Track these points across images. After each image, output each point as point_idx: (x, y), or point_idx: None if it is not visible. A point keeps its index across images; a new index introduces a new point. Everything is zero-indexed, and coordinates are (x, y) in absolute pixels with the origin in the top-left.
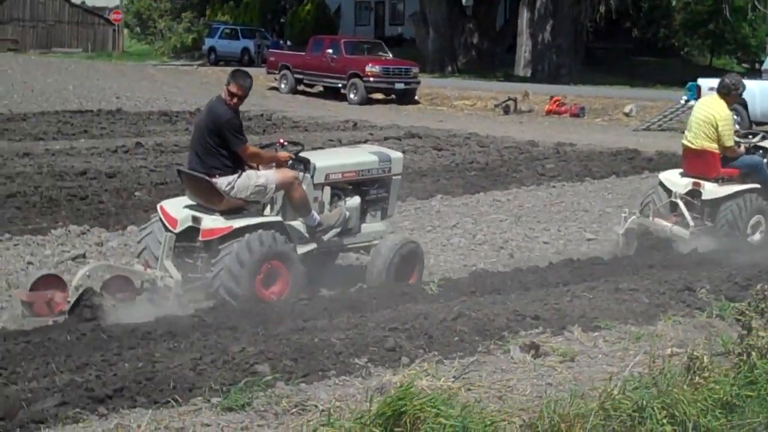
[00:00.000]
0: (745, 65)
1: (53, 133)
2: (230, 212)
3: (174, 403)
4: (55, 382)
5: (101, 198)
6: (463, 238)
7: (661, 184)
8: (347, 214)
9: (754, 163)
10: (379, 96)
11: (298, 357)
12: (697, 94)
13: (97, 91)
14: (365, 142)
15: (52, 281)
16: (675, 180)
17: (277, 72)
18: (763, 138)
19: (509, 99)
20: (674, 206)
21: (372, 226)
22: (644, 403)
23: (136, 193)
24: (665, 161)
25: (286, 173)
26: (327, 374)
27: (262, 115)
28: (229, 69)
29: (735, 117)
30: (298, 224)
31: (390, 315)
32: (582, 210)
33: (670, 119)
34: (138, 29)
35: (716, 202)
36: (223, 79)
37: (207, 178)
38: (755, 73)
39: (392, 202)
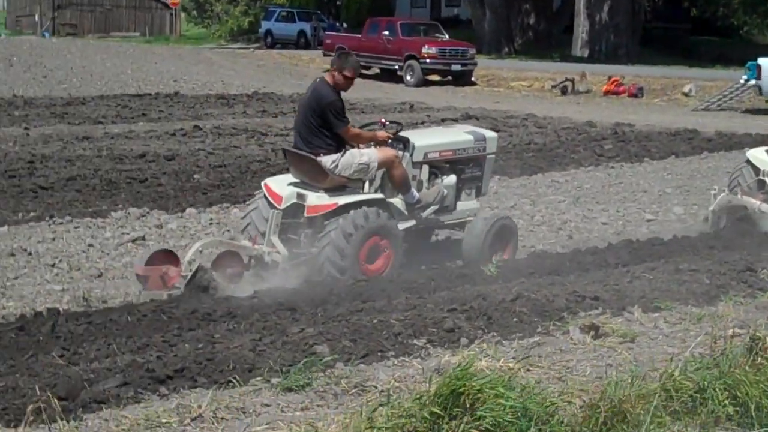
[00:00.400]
0: None
1: (112, 116)
2: (333, 190)
3: (234, 384)
4: (117, 363)
5: (160, 180)
6: (522, 219)
7: (749, 161)
8: (445, 192)
9: None
10: (435, 78)
11: (357, 338)
12: (757, 73)
13: (155, 75)
14: (422, 124)
15: (167, 257)
16: (763, 157)
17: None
18: None
19: (566, 80)
20: (762, 184)
21: (466, 203)
22: (706, 384)
23: (195, 176)
24: (725, 141)
25: (388, 152)
26: (386, 355)
27: None
28: (285, 51)
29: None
30: (397, 201)
31: (449, 296)
32: (641, 191)
33: (730, 99)
34: (195, 13)
35: None
36: (280, 62)
37: (312, 156)
38: None
39: (486, 180)
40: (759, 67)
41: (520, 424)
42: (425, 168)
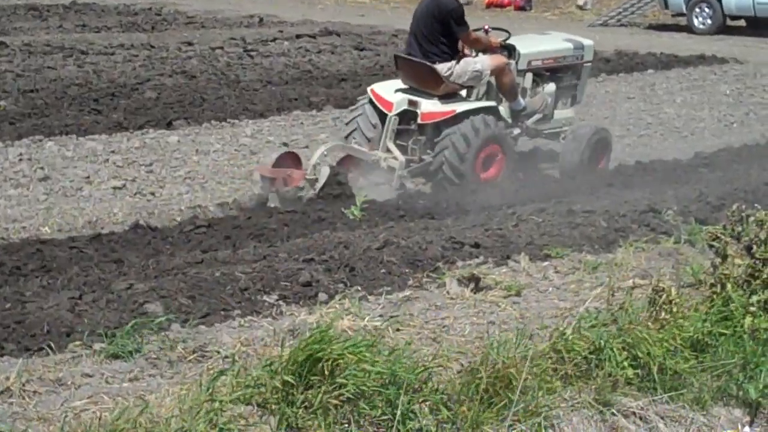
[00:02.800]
0: None
1: None
2: (446, 97)
3: (49, 351)
4: None
5: None
6: None
7: None
8: (549, 99)
9: None
10: None
11: (196, 294)
12: None
13: None
14: (274, 41)
15: (292, 158)
16: None
17: None
18: None
19: None
20: None
21: (563, 112)
22: (602, 343)
23: (1, 103)
24: (626, 62)
25: (499, 59)
26: (230, 314)
27: (150, 8)
28: None
29: (706, 9)
30: (503, 109)
31: (304, 244)
32: None
33: (632, 13)
34: None
35: None
36: None
37: (429, 64)
38: None
39: (581, 89)
40: None
41: (388, 393)
42: (529, 75)
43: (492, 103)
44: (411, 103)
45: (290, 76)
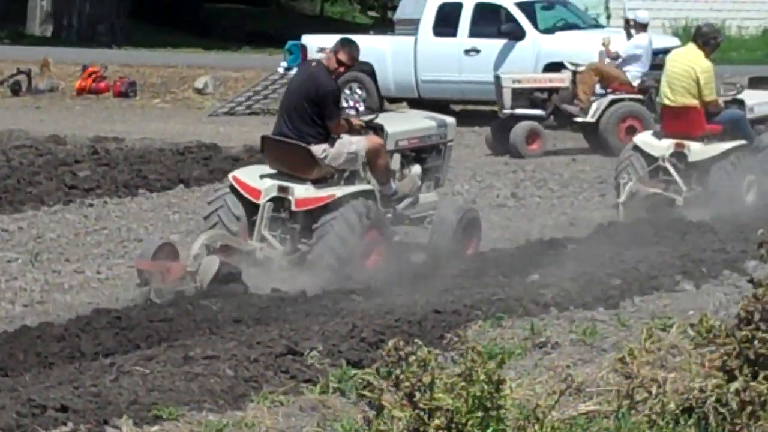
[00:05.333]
0: (372, 13)
1: None
2: (319, 181)
3: None
4: None
5: None
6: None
7: (637, 148)
8: (419, 182)
9: (737, 117)
10: None
11: None
12: (302, 57)
13: None
14: None
15: (168, 250)
16: (654, 143)
17: None
18: (739, 91)
19: (20, 72)
20: (656, 172)
21: (427, 196)
22: None
23: None
24: (258, 161)
25: (375, 140)
26: None
27: None
28: None
29: (359, 90)
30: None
31: None
32: (135, 239)
33: (265, 97)
34: None
35: (705, 164)
36: None
37: (304, 145)
38: (385, 26)
39: (445, 170)
40: (304, 48)
41: None
42: (396, 157)
43: (370, 187)
44: (281, 189)
45: None
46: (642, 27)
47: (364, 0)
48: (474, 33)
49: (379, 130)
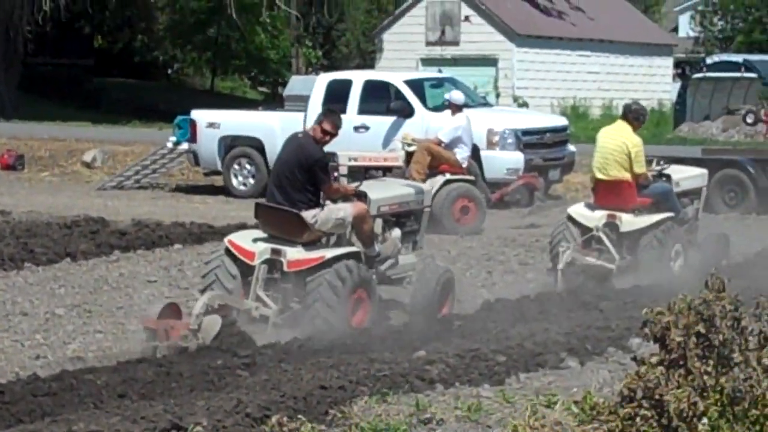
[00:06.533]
0: (263, 89)
1: None
2: (309, 244)
3: None
4: None
5: None
6: None
7: (571, 219)
8: (399, 245)
9: (666, 190)
10: None
11: None
12: (191, 132)
13: None
14: None
15: (173, 309)
16: (588, 214)
17: None
18: (664, 166)
19: None
20: (589, 242)
21: (406, 258)
22: None
23: None
24: (147, 235)
25: (361, 206)
26: None
27: None
28: None
29: (248, 166)
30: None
31: None
32: (20, 313)
33: (154, 172)
34: None
35: (636, 234)
36: None
37: (295, 212)
38: (274, 102)
39: (422, 234)
40: (193, 123)
41: None
42: (379, 221)
43: (356, 249)
44: (274, 251)
45: None
46: (458, 108)
47: (254, 76)
48: (363, 110)
49: (363, 196)
